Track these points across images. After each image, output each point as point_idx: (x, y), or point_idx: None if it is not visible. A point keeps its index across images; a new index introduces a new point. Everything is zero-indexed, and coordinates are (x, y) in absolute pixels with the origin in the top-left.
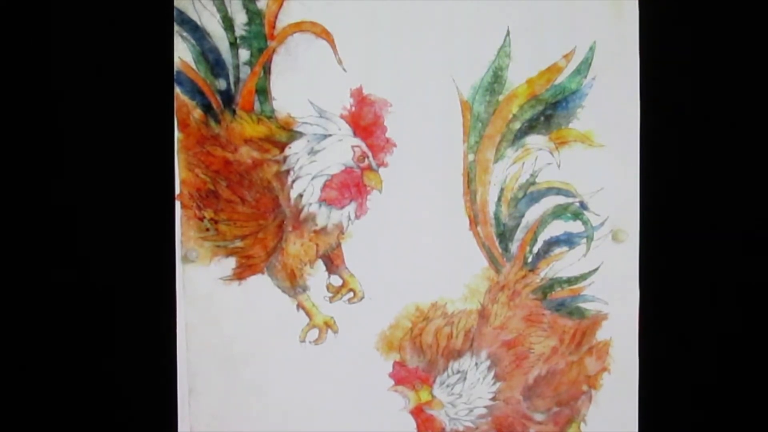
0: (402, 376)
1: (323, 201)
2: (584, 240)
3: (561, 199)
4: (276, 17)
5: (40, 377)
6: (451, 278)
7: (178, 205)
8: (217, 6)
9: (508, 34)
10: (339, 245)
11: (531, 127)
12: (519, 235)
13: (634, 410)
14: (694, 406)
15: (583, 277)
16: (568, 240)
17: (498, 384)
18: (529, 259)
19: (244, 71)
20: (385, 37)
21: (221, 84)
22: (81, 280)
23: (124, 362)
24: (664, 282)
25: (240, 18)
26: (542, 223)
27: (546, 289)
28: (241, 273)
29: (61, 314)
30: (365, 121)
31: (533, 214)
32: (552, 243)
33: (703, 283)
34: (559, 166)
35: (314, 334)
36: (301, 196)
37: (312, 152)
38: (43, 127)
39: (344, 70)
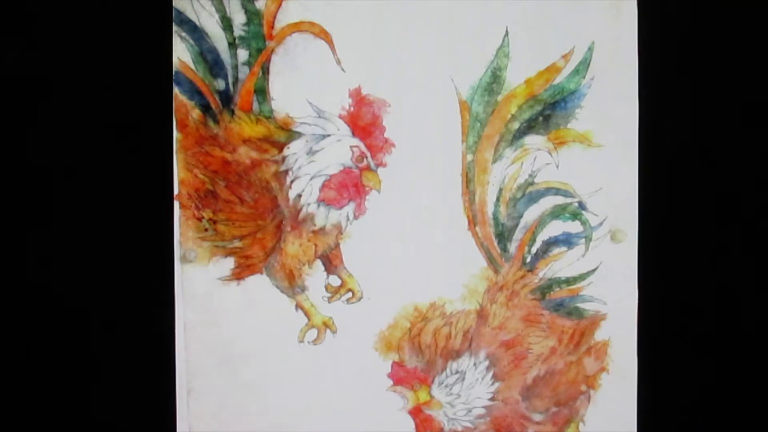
0: (400, 377)
1: (322, 201)
2: (583, 240)
3: (560, 200)
4: (275, 17)
5: (38, 377)
6: (450, 278)
7: (176, 205)
8: (216, 6)
9: (506, 34)
10: (337, 245)
11: (530, 127)
12: (518, 235)
13: (632, 410)
14: (692, 406)
15: (582, 277)
16: (566, 240)
17: (496, 384)
18: (528, 260)
19: (243, 71)
20: (384, 37)
21: (220, 84)
22: (80, 279)
23: (123, 362)
24: (663, 282)
25: (239, 18)
26: (541, 223)
27: (545, 289)
28: (239, 273)
29: (60, 314)
30: (364, 121)
31: (532, 214)
32: (551, 243)
33: (702, 284)
34: (557, 166)
35: (313, 334)
36: (299, 196)
37: (311, 152)
38: (41, 126)
39: (343, 70)
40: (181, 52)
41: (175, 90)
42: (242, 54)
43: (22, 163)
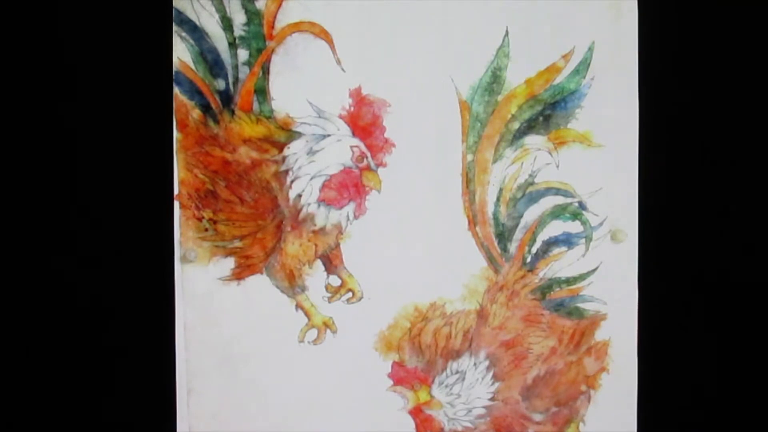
0: (401, 377)
1: (322, 201)
2: (583, 240)
3: (560, 200)
4: (275, 17)
5: (38, 377)
6: (450, 278)
7: (176, 205)
8: (216, 6)
9: (506, 34)
10: (338, 245)
11: (530, 127)
12: (518, 235)
13: (632, 410)
14: (692, 406)
15: (582, 277)
16: (567, 240)
17: (497, 384)
18: (528, 260)
19: (243, 71)
20: (384, 38)
21: (220, 84)
22: (79, 280)
23: (123, 362)
24: (663, 282)
25: (239, 18)
26: (541, 223)
27: (545, 289)
28: (239, 273)
29: (60, 314)
30: (364, 121)
31: (532, 214)
32: (551, 243)
33: (702, 284)
34: (557, 166)
35: (313, 334)
36: (299, 196)
37: (311, 152)
38: (41, 127)
39: (343, 70)
40: (181, 52)
41: (175, 90)
42: (242, 54)
43: (21, 162)
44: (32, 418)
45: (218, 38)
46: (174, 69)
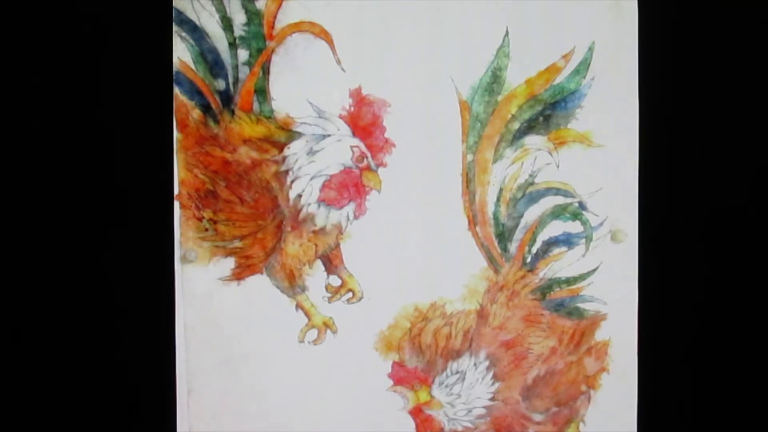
0: (401, 377)
1: (322, 201)
2: (583, 240)
3: (560, 200)
4: (275, 17)
5: (38, 377)
6: (450, 278)
7: (176, 205)
8: (216, 6)
9: (507, 34)
10: (338, 245)
11: (530, 127)
12: (518, 235)
13: (633, 410)
14: (693, 406)
15: (582, 277)
16: (567, 240)
17: (497, 384)
18: (528, 260)
19: (243, 71)
20: (384, 38)
21: (220, 84)
22: (80, 280)
23: (123, 362)
24: (663, 282)
25: (239, 18)
26: (541, 223)
27: (545, 289)
28: (240, 273)
29: (61, 314)
30: (364, 122)
31: (532, 214)
32: (551, 243)
33: (702, 284)
34: (558, 166)
35: (313, 334)
36: (300, 196)
37: (311, 152)
38: (41, 127)
39: (343, 70)
40: (182, 52)
41: (176, 90)
42: (242, 54)
43: (20, 162)
44: (33, 418)
45: (218, 38)
46: (174, 69)
